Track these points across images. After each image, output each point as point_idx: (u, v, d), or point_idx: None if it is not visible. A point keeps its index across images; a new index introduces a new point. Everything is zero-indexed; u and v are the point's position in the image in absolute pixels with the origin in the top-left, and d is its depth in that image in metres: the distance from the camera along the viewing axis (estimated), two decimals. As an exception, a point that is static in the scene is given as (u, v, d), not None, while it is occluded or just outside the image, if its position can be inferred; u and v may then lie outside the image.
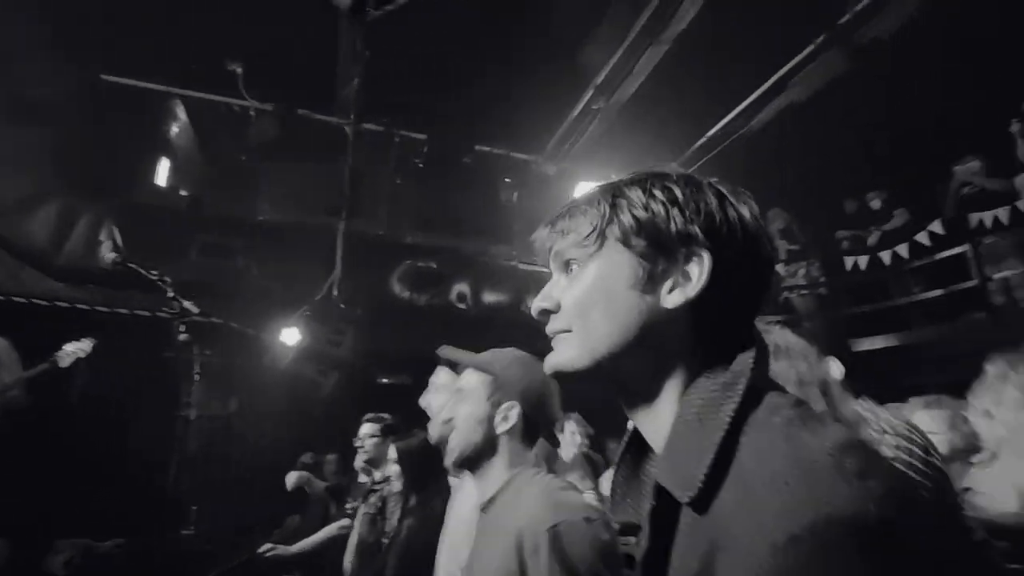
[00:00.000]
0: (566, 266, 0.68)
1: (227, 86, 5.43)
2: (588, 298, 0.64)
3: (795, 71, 5.13)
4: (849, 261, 6.49)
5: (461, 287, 5.69)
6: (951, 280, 5.63)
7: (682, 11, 4.55)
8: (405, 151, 5.81)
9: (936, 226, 5.83)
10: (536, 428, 1.33)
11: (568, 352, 0.65)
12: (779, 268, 6.87)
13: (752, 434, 0.54)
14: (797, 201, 7.15)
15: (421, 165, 5.74)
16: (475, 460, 1.29)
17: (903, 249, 6.00)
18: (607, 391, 0.66)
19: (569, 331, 0.65)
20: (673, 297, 0.62)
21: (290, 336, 4.39)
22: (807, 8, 4.52)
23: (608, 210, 0.65)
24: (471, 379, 1.36)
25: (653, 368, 0.63)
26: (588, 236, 0.65)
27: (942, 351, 5.57)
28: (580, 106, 5.41)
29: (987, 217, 5.45)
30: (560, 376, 0.67)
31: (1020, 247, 5.36)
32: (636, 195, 0.65)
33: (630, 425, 0.71)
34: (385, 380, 6.13)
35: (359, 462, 3.23)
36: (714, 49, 4.84)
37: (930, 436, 2.48)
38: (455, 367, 1.52)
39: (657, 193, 0.64)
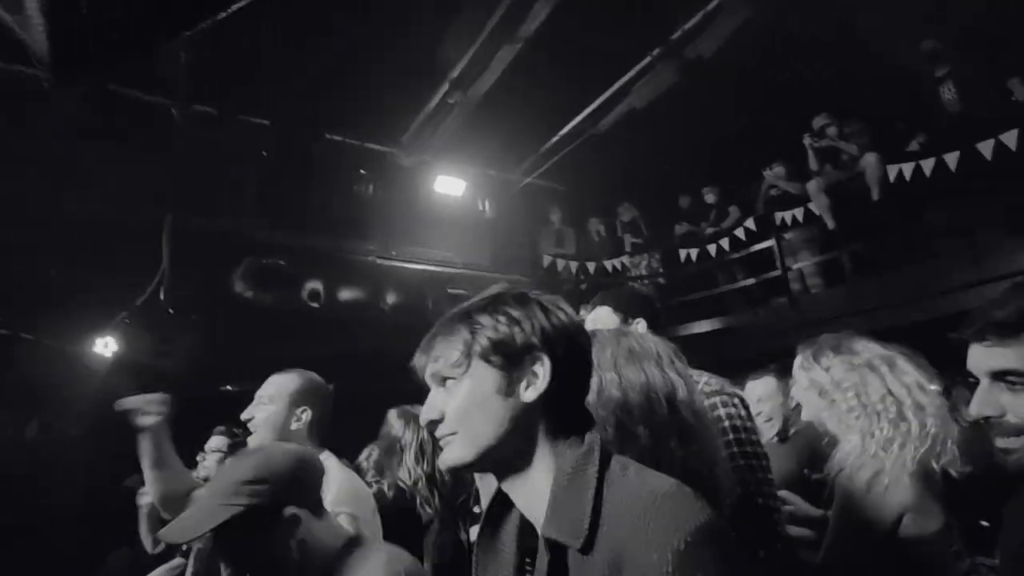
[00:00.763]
0: (443, 381, 0.86)
1: (11, 49, 4.52)
2: (466, 408, 0.83)
3: (636, 79, 5.54)
4: (683, 253, 7.20)
5: (313, 285, 5.36)
6: (761, 270, 6.50)
7: (534, 13, 4.67)
8: (245, 138, 5.29)
9: (750, 223, 6.67)
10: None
11: (458, 451, 0.83)
12: (624, 259, 7.45)
13: (615, 486, 0.75)
14: (642, 198, 7.78)
15: (264, 153, 5.26)
16: None
17: (725, 243, 6.79)
18: (490, 470, 0.86)
19: (455, 433, 0.83)
20: (529, 394, 0.82)
21: (105, 347, 3.84)
22: (645, 23, 4.88)
23: (469, 337, 0.84)
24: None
25: (524, 449, 0.82)
26: (458, 359, 0.84)
27: (753, 332, 6.46)
28: (436, 99, 5.34)
29: (788, 216, 6.36)
30: (455, 470, 0.86)
31: (811, 242, 6.35)
32: (486, 320, 0.84)
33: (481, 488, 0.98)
34: (230, 388, 5.62)
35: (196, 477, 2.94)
36: (564, 53, 5.04)
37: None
38: None
39: (501, 318, 0.84)
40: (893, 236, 5.68)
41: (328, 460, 1.77)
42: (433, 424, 0.86)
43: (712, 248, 6.91)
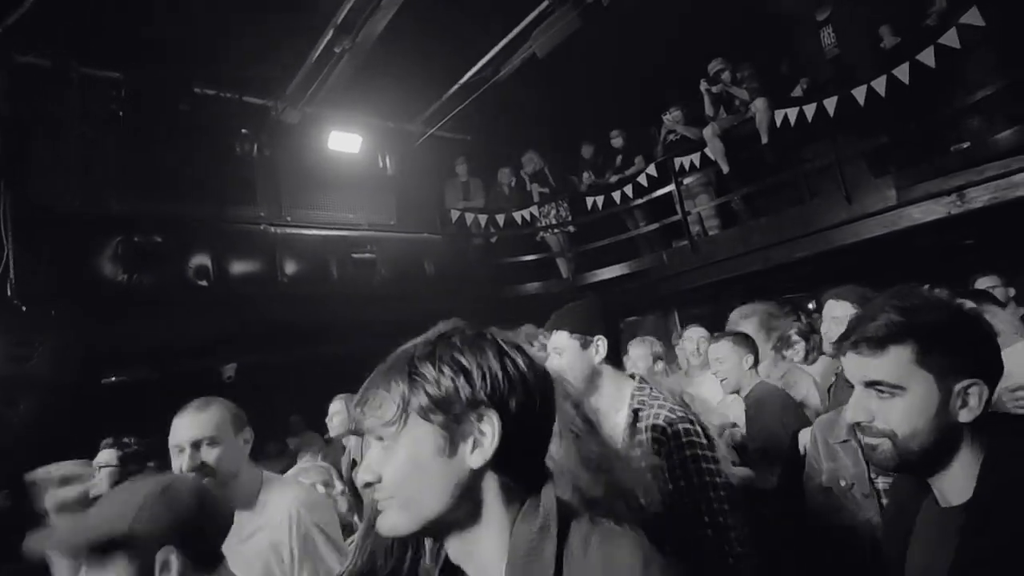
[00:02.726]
0: (380, 439, 0.75)
1: None
2: (403, 472, 0.73)
3: (536, 23, 5.29)
4: (589, 201, 7.26)
5: (199, 260, 4.84)
6: (663, 215, 6.72)
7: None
8: (94, 94, 4.51)
9: (652, 169, 6.81)
10: None
11: (395, 518, 0.74)
12: (533, 210, 7.40)
13: (575, 565, 0.68)
14: (548, 145, 7.68)
15: (120, 112, 4.52)
16: None
17: (629, 190, 6.92)
18: (433, 536, 0.82)
19: (393, 498, 0.74)
20: (475, 457, 0.72)
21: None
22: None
23: (407, 391, 0.73)
24: None
25: (473, 518, 0.74)
26: (393, 416, 0.73)
27: (659, 275, 6.75)
28: (320, 47, 4.82)
29: (686, 161, 6.55)
30: (392, 537, 0.81)
31: (707, 186, 6.61)
32: (429, 371, 0.73)
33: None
34: (115, 378, 5.08)
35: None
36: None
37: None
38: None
39: (446, 368, 0.73)
40: (779, 179, 6.03)
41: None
42: (369, 486, 0.76)
43: (617, 195, 7.02)
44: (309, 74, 5.12)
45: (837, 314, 2.27)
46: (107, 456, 2.74)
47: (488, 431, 0.71)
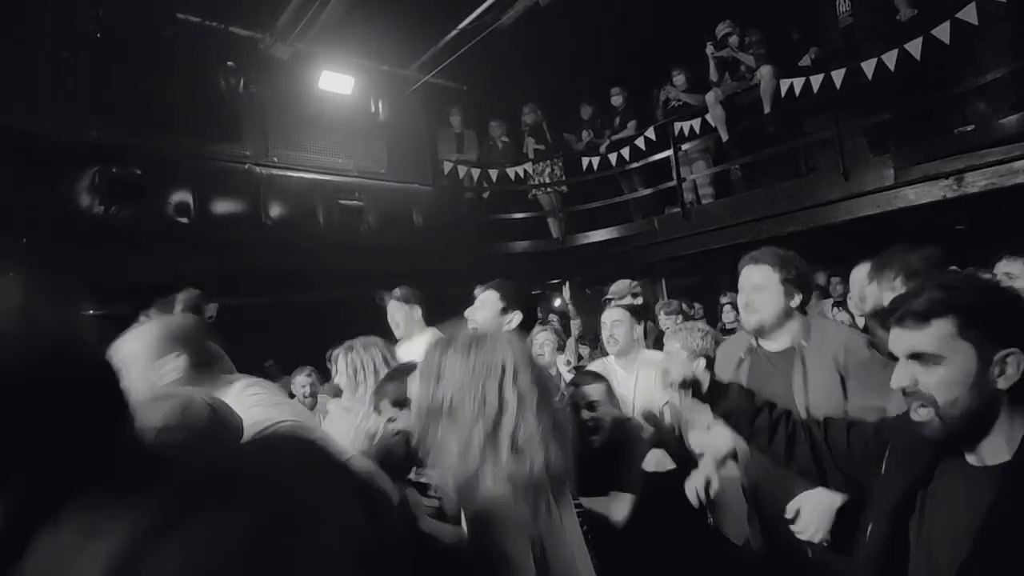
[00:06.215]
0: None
1: None
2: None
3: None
4: (585, 161, 7.13)
5: (180, 196, 4.70)
6: (658, 180, 6.62)
7: None
8: (69, 11, 4.25)
9: (651, 133, 6.66)
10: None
11: None
12: (527, 167, 7.24)
13: None
14: (545, 101, 7.46)
15: (98, 34, 4.28)
16: None
17: (626, 152, 6.78)
18: None
19: None
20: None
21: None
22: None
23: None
24: None
25: None
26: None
27: (648, 240, 6.70)
28: (312, -22, 4.56)
29: (686, 126, 6.41)
30: None
31: (705, 152, 6.49)
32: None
33: None
34: (92, 312, 4.98)
35: None
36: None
37: None
38: None
39: None
40: (777, 150, 5.93)
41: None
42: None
43: (613, 157, 6.89)
44: (300, 7, 4.86)
45: (756, 281, 1.93)
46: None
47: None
